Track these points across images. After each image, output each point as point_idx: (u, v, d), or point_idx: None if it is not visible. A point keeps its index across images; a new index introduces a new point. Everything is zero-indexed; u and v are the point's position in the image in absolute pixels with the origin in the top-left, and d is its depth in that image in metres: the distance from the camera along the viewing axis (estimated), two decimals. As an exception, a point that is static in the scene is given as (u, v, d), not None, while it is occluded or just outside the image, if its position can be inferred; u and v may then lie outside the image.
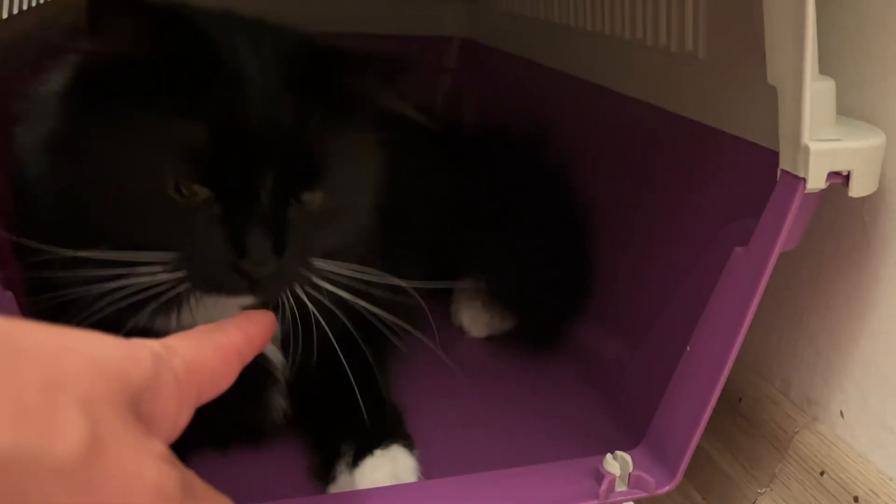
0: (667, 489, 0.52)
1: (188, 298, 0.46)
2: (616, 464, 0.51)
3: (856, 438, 0.56)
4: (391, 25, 1.03)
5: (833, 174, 0.46)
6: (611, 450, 0.52)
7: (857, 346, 0.56)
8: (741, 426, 0.64)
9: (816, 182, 0.46)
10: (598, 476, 0.51)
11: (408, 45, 1.04)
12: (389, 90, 0.49)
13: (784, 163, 0.47)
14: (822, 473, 0.56)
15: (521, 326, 0.76)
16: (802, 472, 0.58)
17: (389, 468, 0.53)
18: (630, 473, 0.51)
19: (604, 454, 0.52)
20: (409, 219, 0.61)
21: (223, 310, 0.44)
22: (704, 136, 0.58)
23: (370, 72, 0.48)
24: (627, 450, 0.53)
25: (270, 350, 0.54)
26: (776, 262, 0.47)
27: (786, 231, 0.47)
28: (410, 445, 0.55)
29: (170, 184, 0.42)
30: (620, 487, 0.51)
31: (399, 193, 0.54)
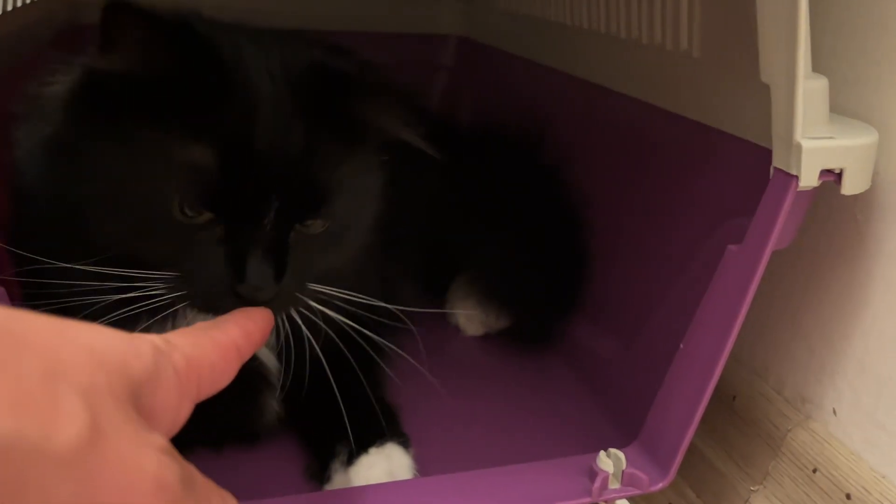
0: (660, 486, 0.52)
1: (185, 311, 0.46)
2: (609, 461, 0.51)
3: (848, 436, 0.57)
4: (389, 24, 1.03)
5: (825, 172, 0.46)
6: (604, 447, 0.52)
7: (850, 345, 0.56)
8: (735, 424, 0.64)
9: (809, 180, 0.46)
10: (592, 473, 0.51)
11: (405, 44, 1.04)
12: (398, 119, 0.49)
13: (777, 161, 0.47)
14: (815, 471, 0.57)
15: (517, 325, 0.76)
16: (795, 470, 0.58)
17: (385, 466, 0.53)
18: (623, 471, 0.51)
19: (598, 452, 0.52)
20: (404, 220, 0.61)
21: None
22: (699, 134, 0.58)
23: (380, 99, 0.48)
24: (621, 447, 0.53)
25: (265, 355, 0.54)
26: (769, 261, 0.48)
27: (778, 229, 0.47)
28: (406, 443, 0.55)
29: (174, 204, 0.41)
30: (614, 485, 0.51)
31: (396, 198, 0.54)
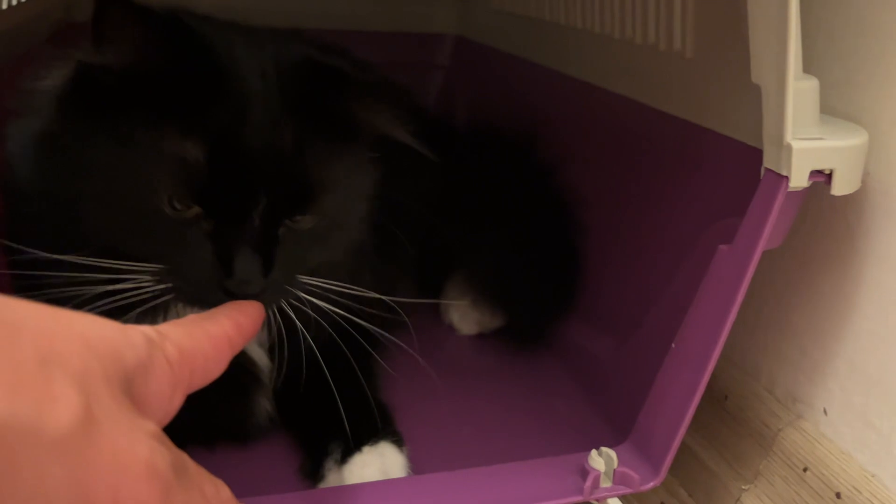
0: (651, 485, 0.52)
1: (175, 304, 0.46)
2: (601, 460, 0.52)
3: (839, 435, 0.57)
4: (384, 23, 1.03)
5: (816, 173, 0.46)
6: (596, 446, 0.52)
7: (841, 345, 0.57)
8: (726, 423, 0.65)
9: (799, 181, 0.46)
10: (583, 472, 0.51)
11: (400, 43, 1.04)
12: (389, 116, 0.49)
13: (768, 161, 0.48)
14: (806, 470, 0.57)
15: (511, 324, 0.76)
16: (786, 469, 0.58)
17: (378, 464, 0.53)
18: (615, 470, 0.51)
19: (589, 450, 0.52)
20: (399, 219, 0.61)
21: None
22: (691, 134, 0.58)
23: (371, 97, 0.48)
24: (613, 446, 0.53)
25: (257, 354, 0.54)
26: (761, 261, 0.48)
27: (769, 229, 0.47)
28: (399, 442, 0.55)
29: (163, 198, 0.42)
30: (605, 484, 0.51)
31: (389, 197, 0.55)
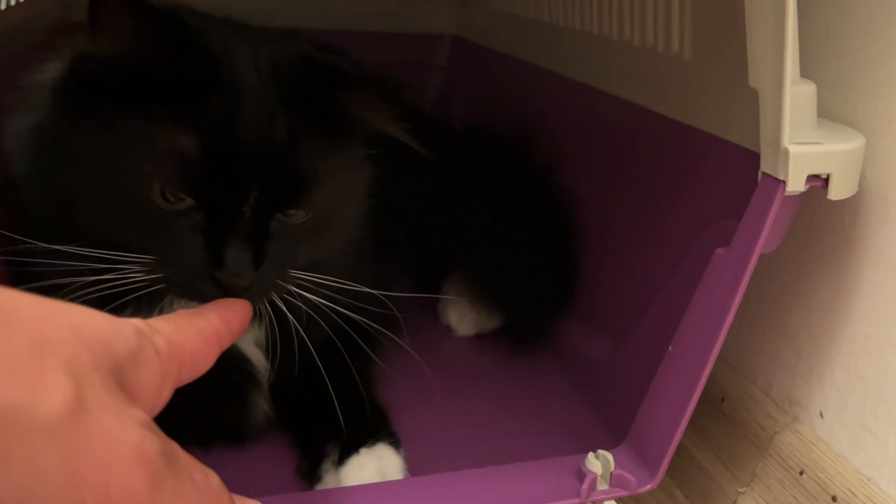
0: (648, 488, 0.52)
1: (169, 299, 0.46)
2: (598, 462, 0.52)
3: (835, 438, 0.57)
4: (383, 23, 1.03)
5: (813, 177, 0.46)
6: (593, 448, 0.53)
7: (837, 348, 0.57)
8: (723, 425, 0.65)
9: (796, 185, 0.46)
10: (580, 474, 0.51)
11: (399, 43, 1.04)
12: (384, 112, 0.49)
13: (765, 165, 0.48)
14: (802, 473, 0.57)
15: (508, 325, 0.76)
16: (782, 472, 0.59)
17: (375, 466, 0.53)
18: (612, 472, 0.51)
19: (586, 453, 0.52)
20: (397, 219, 0.61)
21: None
22: (688, 137, 0.58)
23: (367, 93, 0.48)
24: (610, 448, 0.53)
25: (254, 354, 0.54)
26: (758, 264, 0.48)
27: (766, 233, 0.47)
28: (396, 443, 0.56)
29: (155, 189, 0.42)
30: (602, 486, 0.52)
31: (387, 195, 0.55)
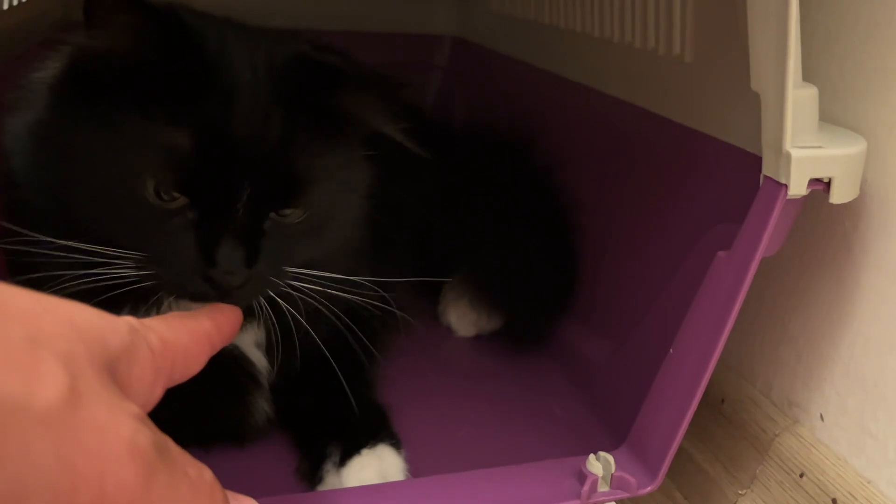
0: (648, 490, 0.52)
1: (164, 298, 0.46)
2: (598, 464, 0.52)
3: (835, 441, 0.57)
4: (383, 23, 1.03)
5: (814, 181, 0.46)
6: (594, 450, 0.53)
7: (837, 351, 0.57)
8: (723, 427, 0.65)
9: (798, 188, 0.46)
10: (581, 476, 0.51)
11: (399, 44, 1.04)
12: (381, 112, 0.49)
13: (766, 168, 0.48)
14: (802, 475, 0.57)
15: (508, 326, 0.76)
16: (782, 474, 0.59)
17: (376, 467, 0.53)
18: (612, 474, 0.52)
19: (587, 454, 0.52)
20: (397, 220, 0.61)
21: None
22: (689, 140, 0.58)
23: (363, 92, 0.47)
24: (610, 450, 0.53)
25: (254, 355, 0.54)
26: (758, 267, 0.48)
27: (768, 236, 0.47)
28: (397, 444, 0.56)
29: (148, 186, 0.42)
30: (602, 488, 0.52)
31: (386, 196, 0.55)
